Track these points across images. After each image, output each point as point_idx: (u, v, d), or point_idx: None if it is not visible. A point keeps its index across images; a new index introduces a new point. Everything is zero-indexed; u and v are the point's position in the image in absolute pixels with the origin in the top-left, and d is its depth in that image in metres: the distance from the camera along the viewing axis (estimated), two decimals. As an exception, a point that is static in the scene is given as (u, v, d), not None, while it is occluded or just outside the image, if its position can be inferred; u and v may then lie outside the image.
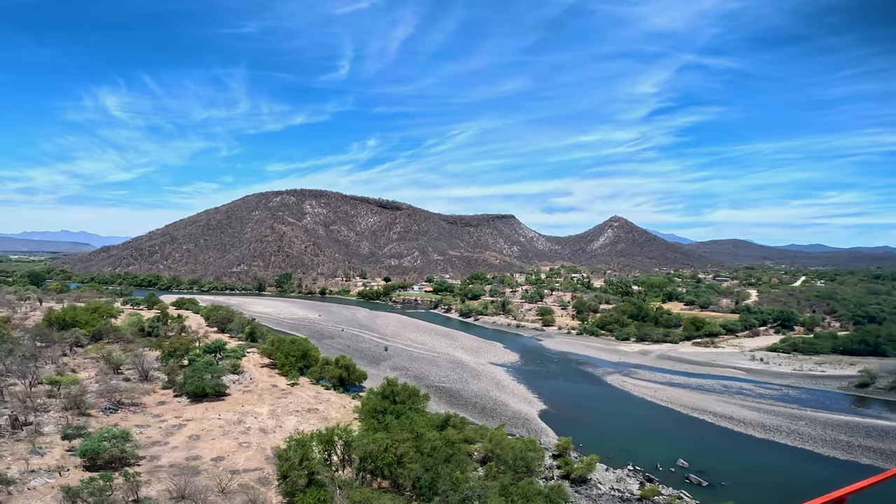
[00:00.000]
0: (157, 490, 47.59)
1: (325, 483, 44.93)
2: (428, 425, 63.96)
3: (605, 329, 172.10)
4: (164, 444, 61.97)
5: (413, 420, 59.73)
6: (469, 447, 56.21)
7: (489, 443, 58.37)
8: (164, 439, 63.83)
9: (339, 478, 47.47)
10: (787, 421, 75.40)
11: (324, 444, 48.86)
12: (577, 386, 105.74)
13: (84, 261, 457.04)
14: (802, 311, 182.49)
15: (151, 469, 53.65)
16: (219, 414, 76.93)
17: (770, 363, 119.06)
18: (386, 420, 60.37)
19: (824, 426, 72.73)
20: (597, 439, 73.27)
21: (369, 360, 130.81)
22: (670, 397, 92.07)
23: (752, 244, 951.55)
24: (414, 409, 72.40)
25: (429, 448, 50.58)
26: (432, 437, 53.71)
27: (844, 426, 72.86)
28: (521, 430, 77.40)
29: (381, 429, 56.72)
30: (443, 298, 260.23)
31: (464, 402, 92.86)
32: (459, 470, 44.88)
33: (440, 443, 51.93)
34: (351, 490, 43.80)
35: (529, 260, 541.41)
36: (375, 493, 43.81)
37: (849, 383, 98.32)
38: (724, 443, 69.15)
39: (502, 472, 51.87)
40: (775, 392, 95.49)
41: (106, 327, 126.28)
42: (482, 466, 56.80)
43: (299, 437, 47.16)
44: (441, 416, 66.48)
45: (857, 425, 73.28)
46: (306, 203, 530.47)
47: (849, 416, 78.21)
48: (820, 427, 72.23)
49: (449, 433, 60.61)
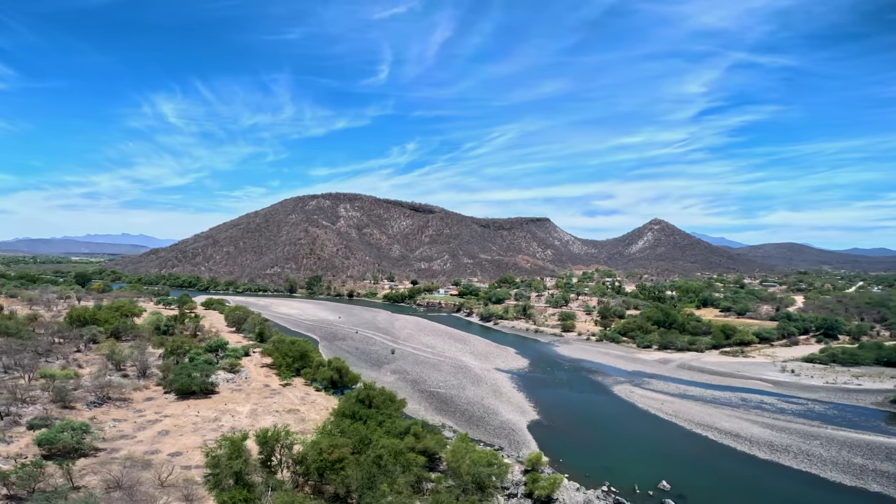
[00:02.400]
0: (97, 480, 47.79)
1: (254, 483, 43.39)
2: (394, 432, 61.66)
3: (626, 336, 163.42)
4: (131, 438, 62.63)
5: (369, 426, 57.29)
6: (420, 458, 52.91)
7: (451, 454, 54.86)
8: (134, 433, 64.59)
9: (275, 480, 45.74)
10: (799, 440, 67.15)
11: (261, 444, 47.37)
12: (580, 396, 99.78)
13: (134, 262, 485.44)
14: (850, 319, 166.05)
15: (106, 460, 54.12)
16: (198, 411, 77.50)
17: (801, 375, 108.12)
18: (345, 424, 58.17)
19: (840, 447, 64.12)
20: (582, 454, 68.08)
21: (373, 362, 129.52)
22: (677, 411, 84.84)
23: (809, 248, 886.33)
24: (387, 415, 70.33)
25: (372, 456, 47.98)
26: (384, 445, 51.08)
27: (864, 447, 63.95)
28: (503, 441, 73.27)
29: (344, 432, 54.60)
30: (465, 302, 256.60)
31: (453, 409, 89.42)
32: (388, 481, 41.87)
33: (385, 451, 49.14)
34: (281, 492, 41.95)
35: (563, 264, 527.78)
36: (304, 497, 41.78)
37: (884, 398, 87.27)
38: (719, 463, 62.22)
39: (449, 488, 48.40)
40: (798, 407, 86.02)
41: (124, 325, 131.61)
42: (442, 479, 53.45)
43: (231, 437, 45.72)
44: (405, 423, 63.53)
45: (878, 446, 64.15)
46: (341, 207, 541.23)
47: (873, 436, 68.78)
48: (835, 448, 63.72)
49: (407, 441, 57.86)
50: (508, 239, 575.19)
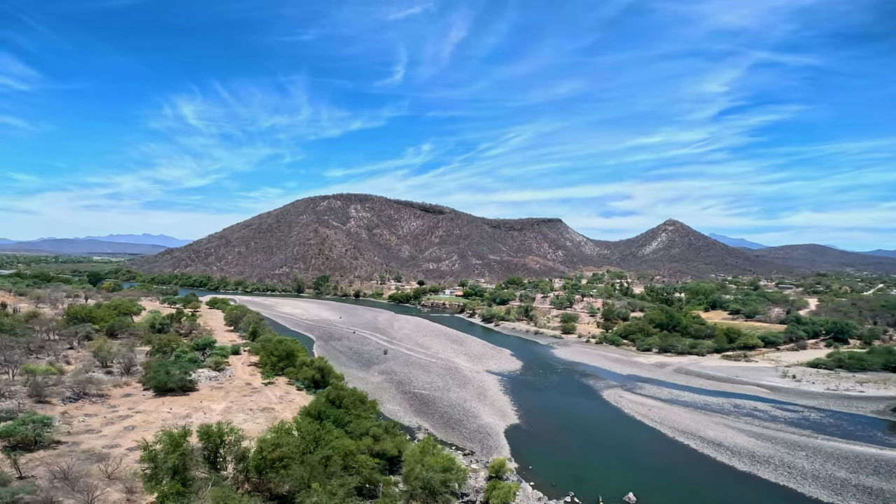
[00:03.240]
0: (44, 471, 48.08)
1: (192, 478, 42.76)
2: (356, 433, 60.60)
3: (627, 338, 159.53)
4: (97, 433, 62.89)
5: (325, 426, 56.14)
6: (372, 460, 51.37)
7: (406, 458, 53.29)
8: (100, 428, 64.79)
9: (216, 476, 44.95)
10: (784, 451, 63.53)
11: (204, 440, 46.76)
12: (567, 400, 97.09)
13: (150, 262, 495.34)
14: (863, 323, 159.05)
15: (64, 453, 54.64)
16: (170, 408, 77.75)
17: (802, 380, 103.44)
18: (303, 423, 57.07)
19: (826, 459, 60.37)
20: (555, 461, 65.74)
21: (364, 362, 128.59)
22: (663, 417, 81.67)
23: (831, 250, 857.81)
24: (355, 416, 69.25)
25: (319, 456, 46.77)
26: (334, 446, 49.81)
27: (852, 459, 60.10)
28: (476, 446, 71.36)
29: (300, 431, 53.59)
30: (468, 303, 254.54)
31: (433, 412, 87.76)
32: (319, 482, 40.67)
33: (335, 452, 47.84)
34: (218, 488, 41.10)
35: (574, 265, 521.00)
36: (240, 495, 40.87)
37: (885, 406, 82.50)
38: (694, 475, 59.19)
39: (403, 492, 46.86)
40: (792, 415, 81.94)
41: (119, 323, 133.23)
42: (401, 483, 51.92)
43: (169, 431, 45.23)
44: (367, 424, 62.18)
45: (867, 459, 60.20)
46: (351, 207, 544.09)
47: (864, 447, 64.68)
48: (820, 460, 60.02)
49: (365, 442, 56.63)
50: (519, 240, 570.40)
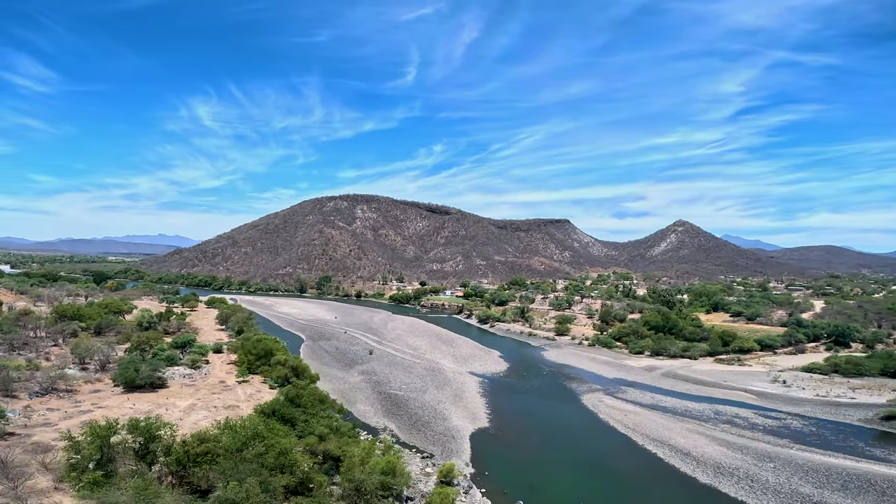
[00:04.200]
0: None
1: (115, 471, 42.38)
2: (306, 432, 59.80)
3: (621, 340, 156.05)
4: (52, 426, 62.57)
5: (269, 424, 55.15)
6: (308, 459, 49.99)
7: (346, 460, 51.74)
8: (57, 422, 64.44)
9: (142, 467, 44.57)
10: (752, 462, 60.31)
11: (132, 433, 46.14)
12: (544, 403, 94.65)
13: (159, 262, 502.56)
14: (867, 326, 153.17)
15: (13, 444, 54.21)
16: (134, 404, 77.62)
17: (792, 386, 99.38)
18: (247, 421, 56.23)
19: (794, 471, 57.03)
20: (515, 467, 63.59)
21: (347, 362, 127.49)
22: (637, 423, 78.80)
23: (848, 251, 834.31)
24: (312, 414, 68.31)
25: (253, 453, 45.94)
26: (269, 444, 48.81)
27: (822, 472, 56.65)
28: (437, 449, 69.57)
29: (244, 427, 52.98)
30: (466, 304, 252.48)
31: (403, 413, 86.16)
32: (239, 479, 39.79)
33: (268, 449, 46.89)
34: (138, 479, 40.62)
35: (581, 266, 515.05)
36: (159, 487, 40.35)
37: (874, 414, 78.35)
38: (652, 486, 56.46)
39: (330, 495, 45.34)
40: (773, 423, 78.36)
41: (107, 322, 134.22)
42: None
43: (93, 424, 44.90)
44: (321, 423, 61.20)
45: (839, 472, 56.66)
46: (358, 208, 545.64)
47: (839, 459, 61.10)
48: (788, 472, 56.71)
49: (308, 442, 55.68)
50: (525, 241, 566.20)
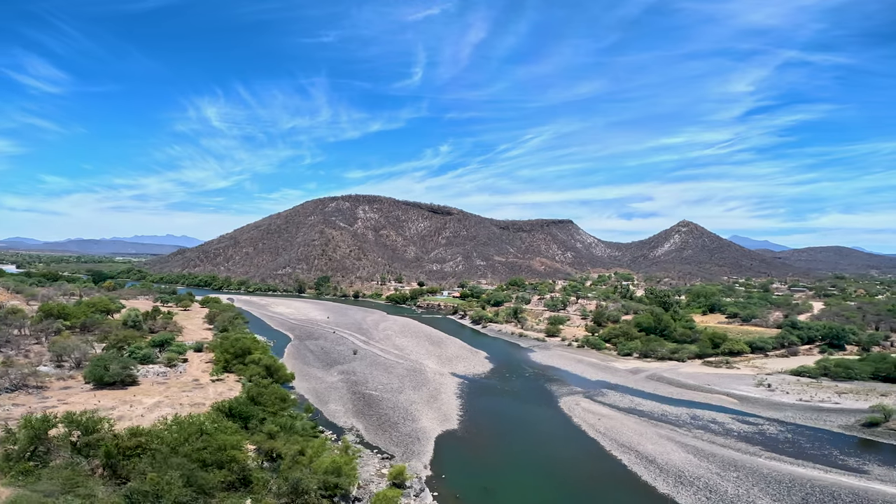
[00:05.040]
0: None
1: (48, 462, 43.15)
2: (259, 430, 59.54)
3: (610, 342, 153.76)
4: (13, 420, 62.27)
5: (219, 421, 54.97)
6: (247, 456, 49.30)
7: (289, 459, 50.70)
8: (19, 417, 64.26)
9: (76, 459, 44.73)
10: (716, 470, 58.05)
11: (68, 426, 47.38)
12: (520, 406, 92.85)
13: (161, 262, 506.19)
14: (864, 328, 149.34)
15: None
16: (99, 400, 77.76)
17: (776, 390, 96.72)
18: (195, 418, 55.90)
19: (757, 481, 54.57)
20: (474, 471, 61.99)
21: (328, 362, 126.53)
22: (609, 428, 76.82)
23: (858, 252, 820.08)
24: (270, 413, 67.86)
25: (188, 449, 45.92)
26: (208, 441, 48.30)
27: (785, 484, 54.08)
28: (399, 450, 68.27)
29: (192, 424, 52.88)
30: (461, 304, 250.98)
31: (373, 413, 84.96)
32: (159, 475, 39.72)
33: (206, 445, 46.70)
34: (69, 471, 40.98)
35: (583, 267, 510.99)
36: (86, 478, 40.60)
37: (856, 420, 75.61)
38: (609, 494, 54.47)
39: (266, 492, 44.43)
40: (749, 428, 75.94)
41: (91, 320, 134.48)
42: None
43: (29, 417, 45.78)
44: (266, 423, 60.39)
45: (804, 483, 54.00)
46: (359, 209, 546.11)
47: (807, 468, 58.54)
48: (749, 483, 54.28)
49: (256, 439, 56.01)
50: (528, 241, 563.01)
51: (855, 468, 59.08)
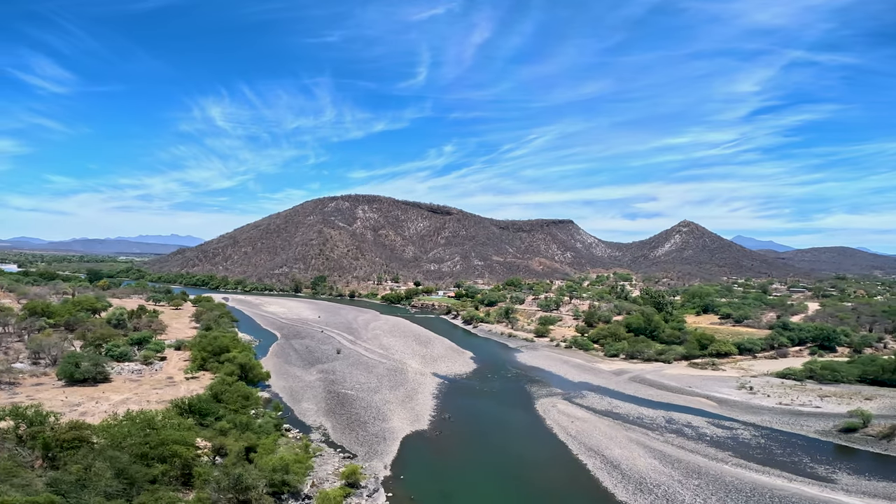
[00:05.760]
0: None
1: None
2: (213, 427, 59.24)
3: (598, 343, 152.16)
4: None
5: (168, 416, 55.52)
6: (191, 451, 48.97)
7: (233, 455, 50.05)
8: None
9: (22, 452, 45.41)
10: (679, 477, 56.45)
11: (13, 419, 48.91)
12: (495, 407, 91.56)
13: (161, 261, 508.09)
14: (857, 329, 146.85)
15: None
16: (66, 397, 78.27)
17: (757, 393, 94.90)
18: (147, 413, 55.83)
19: (717, 490, 52.64)
20: (434, 473, 60.90)
21: (310, 361, 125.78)
22: (580, 431, 75.42)
23: (862, 252, 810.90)
24: (231, 410, 67.45)
25: (130, 443, 46.63)
26: (152, 436, 48.25)
27: (746, 492, 51.86)
28: (363, 450, 67.59)
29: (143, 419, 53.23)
30: (455, 304, 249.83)
31: (344, 412, 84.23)
32: (87, 468, 40.10)
33: (148, 440, 46.92)
34: (7, 462, 41.56)
35: (582, 267, 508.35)
36: (27, 471, 41.22)
37: (833, 426, 73.81)
38: (566, 499, 53.38)
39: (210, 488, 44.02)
40: (723, 433, 74.28)
41: (75, 319, 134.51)
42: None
43: None
44: (223, 420, 59.99)
45: (765, 493, 51.57)
46: (359, 208, 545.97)
47: (773, 477, 56.39)
48: (708, 492, 52.32)
49: (206, 434, 55.81)
50: (527, 241, 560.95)
51: (822, 477, 57.32)
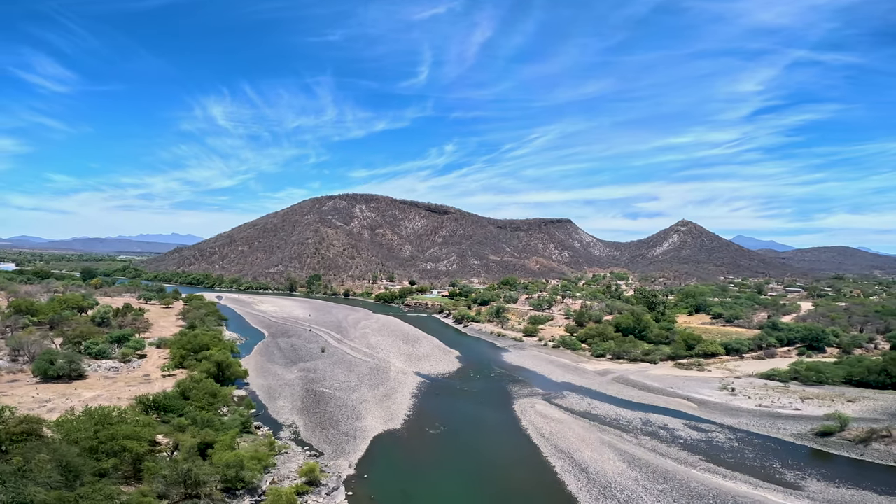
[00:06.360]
0: None
1: None
2: (175, 423, 59.01)
3: (586, 342, 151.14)
4: None
5: (124, 411, 55.74)
6: (140, 445, 48.62)
7: (184, 451, 49.64)
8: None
9: None
10: (644, 482, 55.18)
11: None
12: (473, 408, 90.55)
13: (158, 260, 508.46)
14: (848, 330, 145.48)
15: None
16: (38, 393, 78.64)
17: (739, 394, 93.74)
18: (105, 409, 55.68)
19: (680, 497, 50.92)
20: (399, 473, 60.05)
21: (293, 360, 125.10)
22: (554, 432, 74.43)
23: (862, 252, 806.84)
24: (198, 408, 67.02)
25: (81, 437, 46.97)
26: (104, 432, 48.22)
27: (710, 499, 50.39)
28: (330, 448, 66.95)
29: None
30: (447, 303, 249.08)
31: (318, 411, 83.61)
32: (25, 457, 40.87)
33: (97, 434, 47.09)
34: None
35: (580, 266, 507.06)
36: None
37: (810, 429, 72.63)
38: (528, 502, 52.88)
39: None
40: (698, 435, 73.14)
41: (59, 317, 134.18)
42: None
43: None
44: (177, 418, 59.64)
45: (727, 500, 50.21)
46: (356, 207, 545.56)
47: (737, 483, 54.59)
48: (671, 497, 50.51)
49: (162, 430, 55.95)
50: (525, 240, 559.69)
51: (790, 483, 56.05)
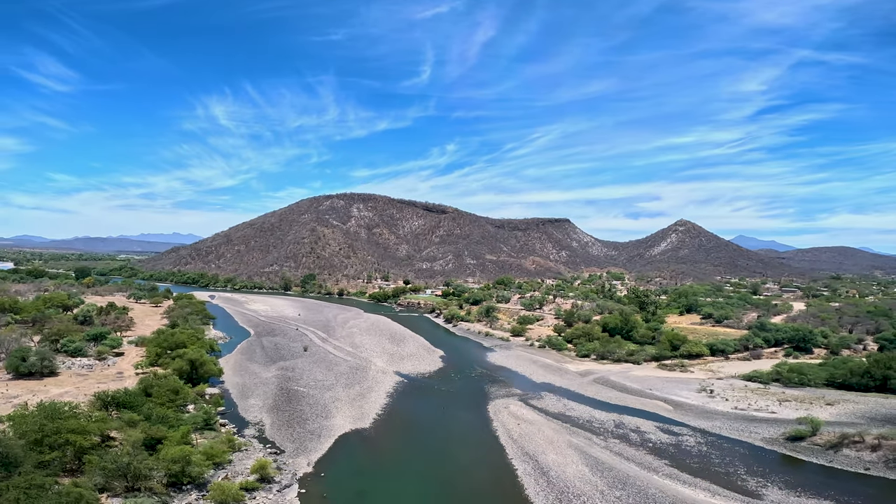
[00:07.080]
0: None
1: None
2: (127, 419, 58.77)
3: (572, 342, 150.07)
4: None
5: (72, 406, 55.98)
6: (83, 440, 48.53)
7: (126, 445, 49.37)
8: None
9: None
10: (603, 488, 53.68)
11: None
12: (445, 408, 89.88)
13: (155, 260, 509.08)
14: (837, 330, 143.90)
15: None
16: (7, 389, 79.32)
17: (717, 396, 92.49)
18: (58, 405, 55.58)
19: (639, 502, 51.38)
20: (359, 472, 59.23)
21: (273, 358, 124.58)
22: (524, 434, 73.36)
23: (864, 252, 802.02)
24: (158, 404, 66.64)
25: (26, 430, 47.85)
26: (50, 426, 48.18)
27: None
28: (292, 446, 66.39)
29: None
30: (439, 303, 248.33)
31: (288, 409, 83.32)
32: None
33: (41, 428, 47.45)
34: None
35: (577, 266, 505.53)
36: None
37: (781, 434, 71.36)
38: None
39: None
40: (668, 438, 71.85)
41: (41, 315, 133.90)
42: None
43: None
44: (130, 414, 59.41)
45: None
46: (353, 207, 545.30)
47: (695, 490, 52.84)
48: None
49: (112, 425, 56.09)
50: (522, 240, 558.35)
51: (750, 491, 54.61)
